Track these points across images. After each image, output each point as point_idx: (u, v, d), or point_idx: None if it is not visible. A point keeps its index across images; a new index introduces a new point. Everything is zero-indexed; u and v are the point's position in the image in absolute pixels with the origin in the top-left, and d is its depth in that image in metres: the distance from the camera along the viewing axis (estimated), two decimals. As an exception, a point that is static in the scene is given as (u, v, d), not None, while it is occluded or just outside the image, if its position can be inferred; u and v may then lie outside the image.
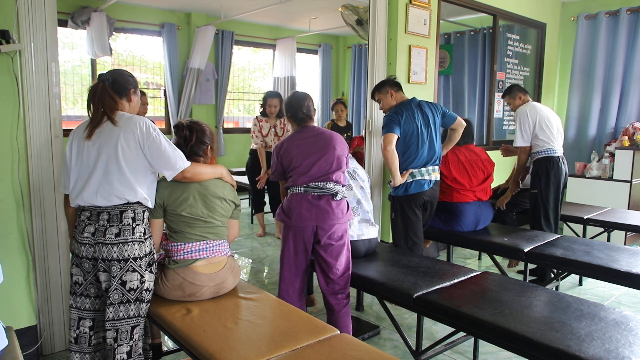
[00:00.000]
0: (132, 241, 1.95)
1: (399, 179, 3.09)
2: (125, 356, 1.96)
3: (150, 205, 2.04)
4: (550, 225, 3.71)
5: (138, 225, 1.98)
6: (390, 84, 3.24)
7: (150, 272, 2.02)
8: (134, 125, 1.95)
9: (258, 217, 5.22)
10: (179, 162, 2.01)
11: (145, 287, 1.99)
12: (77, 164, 1.99)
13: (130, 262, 1.94)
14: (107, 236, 1.92)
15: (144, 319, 2.02)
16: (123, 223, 1.95)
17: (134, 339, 1.99)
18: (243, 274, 4.03)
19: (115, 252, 1.92)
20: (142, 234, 1.98)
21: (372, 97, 3.37)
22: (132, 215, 1.97)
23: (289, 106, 2.58)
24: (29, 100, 2.40)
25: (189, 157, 2.13)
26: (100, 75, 2.01)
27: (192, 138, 2.18)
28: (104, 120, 1.95)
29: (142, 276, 1.97)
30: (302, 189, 2.44)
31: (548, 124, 3.70)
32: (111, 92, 1.97)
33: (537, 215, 3.74)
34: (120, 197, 1.94)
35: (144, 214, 2.01)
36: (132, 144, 1.94)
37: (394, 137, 3.04)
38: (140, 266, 1.96)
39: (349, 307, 2.59)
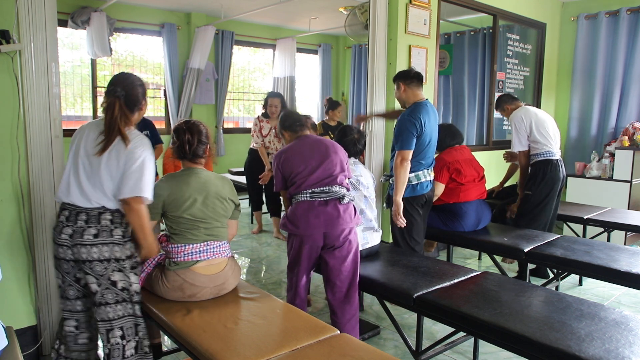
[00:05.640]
0: (112, 243, 1.98)
1: (400, 199, 3.00)
2: (133, 351, 2.02)
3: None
4: (535, 228, 3.69)
5: (116, 227, 2.00)
6: (403, 76, 3.14)
7: (135, 274, 2.06)
8: (133, 151, 1.98)
9: (256, 216, 5.26)
10: (129, 190, 1.96)
11: (134, 289, 2.04)
12: (79, 170, 1.99)
13: (113, 262, 1.98)
14: (86, 237, 1.95)
15: (134, 318, 2.05)
16: (101, 224, 1.98)
17: (139, 335, 2.05)
18: (242, 274, 4.03)
19: (95, 252, 1.96)
20: (120, 237, 2.01)
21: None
22: (110, 217, 2.00)
23: (283, 124, 2.63)
24: (29, 100, 2.40)
25: (191, 160, 2.21)
26: (114, 89, 2.00)
27: (193, 141, 2.19)
28: (117, 138, 1.97)
29: (128, 277, 2.02)
30: (307, 196, 2.42)
31: (544, 126, 3.73)
32: (126, 111, 2.00)
33: (526, 217, 3.75)
34: (99, 202, 1.98)
35: (122, 217, 2.03)
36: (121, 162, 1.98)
37: (411, 153, 2.99)
38: (124, 267, 2.01)
39: (356, 321, 2.54)
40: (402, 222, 3.03)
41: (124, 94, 2.00)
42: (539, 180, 3.69)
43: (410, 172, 3.07)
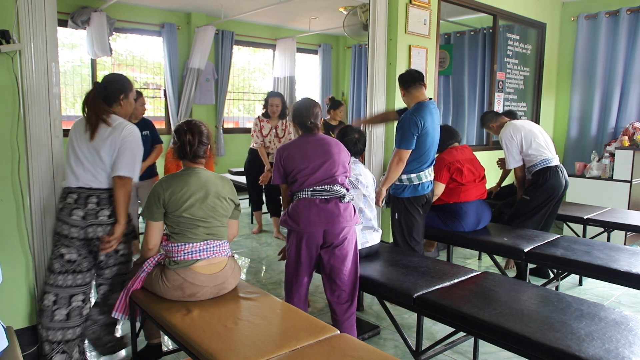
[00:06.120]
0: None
1: (385, 189, 3.14)
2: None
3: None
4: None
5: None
6: (401, 81, 3.16)
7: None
8: (127, 137, 2.27)
9: (256, 216, 5.26)
10: (124, 169, 2.24)
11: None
12: (79, 156, 2.28)
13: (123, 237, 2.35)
14: (100, 218, 2.25)
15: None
16: (113, 205, 2.28)
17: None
18: (242, 274, 4.03)
19: (110, 230, 2.28)
20: (127, 216, 2.34)
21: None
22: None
23: (297, 113, 2.56)
24: (29, 100, 2.40)
25: (191, 160, 2.21)
26: (97, 82, 2.33)
27: (194, 142, 2.19)
28: (100, 123, 2.25)
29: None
30: (309, 193, 2.42)
31: (534, 137, 3.75)
32: (99, 99, 2.27)
33: (518, 219, 3.76)
34: (109, 183, 2.29)
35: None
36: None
37: (409, 152, 3.04)
38: (127, 240, 2.42)
39: (354, 318, 2.56)
40: (381, 205, 3.18)
41: (103, 86, 2.30)
42: (539, 185, 3.70)
43: (412, 172, 3.09)
